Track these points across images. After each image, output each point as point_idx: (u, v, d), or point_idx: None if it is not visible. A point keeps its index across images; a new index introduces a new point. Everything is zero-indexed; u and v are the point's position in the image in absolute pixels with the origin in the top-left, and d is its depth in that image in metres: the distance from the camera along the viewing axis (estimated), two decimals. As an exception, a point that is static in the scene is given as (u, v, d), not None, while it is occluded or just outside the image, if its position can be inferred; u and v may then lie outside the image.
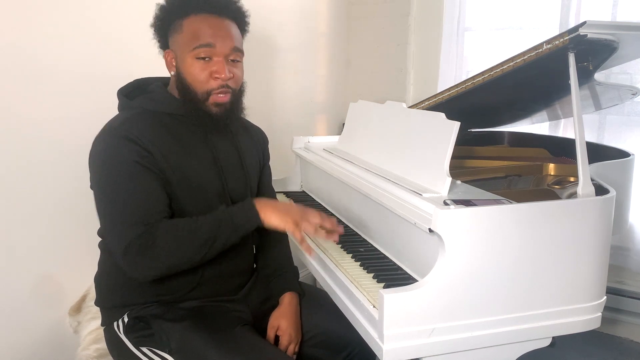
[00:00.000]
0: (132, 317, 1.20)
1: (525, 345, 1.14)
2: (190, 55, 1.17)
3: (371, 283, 1.18)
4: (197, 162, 1.22)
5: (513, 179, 1.70)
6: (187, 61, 1.18)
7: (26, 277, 1.51)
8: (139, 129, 1.15)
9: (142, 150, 1.12)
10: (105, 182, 1.12)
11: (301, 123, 2.69)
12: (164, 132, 1.18)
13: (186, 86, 1.19)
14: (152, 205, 1.12)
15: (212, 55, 1.18)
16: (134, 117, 1.18)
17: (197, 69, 1.18)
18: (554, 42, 1.32)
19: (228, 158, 1.29)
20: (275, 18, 2.40)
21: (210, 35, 1.17)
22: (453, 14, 2.62)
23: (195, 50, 1.17)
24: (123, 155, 1.11)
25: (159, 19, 1.23)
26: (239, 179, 1.31)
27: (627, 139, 2.26)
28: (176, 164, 1.17)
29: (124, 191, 1.10)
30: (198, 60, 1.17)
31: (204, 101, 1.19)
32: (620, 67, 2.06)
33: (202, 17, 1.19)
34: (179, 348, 1.15)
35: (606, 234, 1.17)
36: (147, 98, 1.24)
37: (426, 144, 1.32)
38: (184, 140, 1.21)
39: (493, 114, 2.12)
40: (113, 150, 1.12)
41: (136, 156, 1.12)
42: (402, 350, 1.02)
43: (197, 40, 1.17)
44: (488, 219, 1.06)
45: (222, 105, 1.21)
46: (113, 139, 1.13)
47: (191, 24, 1.18)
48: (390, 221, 1.28)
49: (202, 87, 1.19)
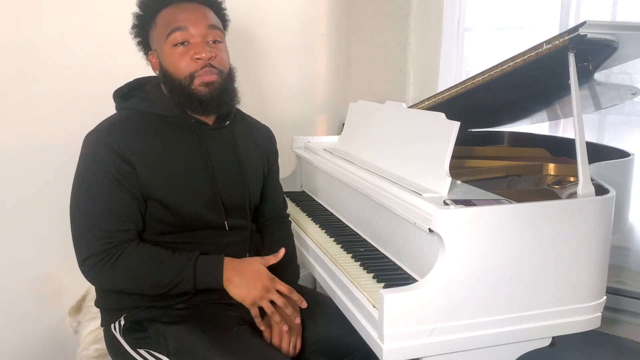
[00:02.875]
0: (129, 321, 1.20)
1: (525, 345, 1.14)
2: (167, 45, 1.16)
3: (371, 283, 1.18)
4: (186, 166, 1.19)
5: (513, 179, 1.70)
6: (166, 51, 1.17)
7: (26, 277, 1.51)
8: (125, 136, 1.13)
9: (122, 164, 1.11)
10: (78, 187, 1.12)
11: (301, 123, 2.69)
12: (151, 137, 1.16)
13: (170, 77, 1.17)
14: (119, 222, 1.11)
15: (188, 38, 1.16)
16: (123, 121, 1.16)
17: (177, 56, 1.15)
18: (553, 42, 1.32)
19: (224, 163, 1.25)
20: (275, 18, 2.40)
21: (182, 20, 1.16)
22: (453, 14, 2.62)
23: (170, 37, 1.15)
24: (102, 165, 1.10)
25: (137, 26, 1.23)
26: (235, 186, 1.27)
27: (627, 139, 2.26)
28: (162, 169, 1.15)
29: (96, 202, 1.10)
30: (176, 47, 1.16)
31: (189, 85, 1.16)
32: (620, 67, 2.06)
33: (173, 7, 1.18)
34: (176, 350, 1.14)
35: (606, 233, 1.17)
36: (141, 98, 1.22)
37: (426, 144, 1.32)
38: (174, 143, 1.19)
39: (493, 114, 2.12)
40: (93, 157, 1.11)
41: (114, 169, 1.10)
42: (402, 350, 1.02)
43: (169, 27, 1.16)
44: (488, 219, 1.06)
45: (210, 84, 1.17)
46: (97, 145, 1.12)
47: (163, 16, 1.18)
48: (390, 221, 1.28)
49: (184, 72, 1.16)
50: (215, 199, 1.22)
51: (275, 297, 1.14)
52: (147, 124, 1.18)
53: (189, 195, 1.18)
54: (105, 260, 1.09)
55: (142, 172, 1.13)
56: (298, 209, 1.76)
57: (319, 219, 1.62)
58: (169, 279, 1.11)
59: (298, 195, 1.92)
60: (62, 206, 1.55)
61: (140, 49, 1.26)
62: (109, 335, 1.24)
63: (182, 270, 1.11)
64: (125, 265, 1.10)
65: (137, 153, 1.13)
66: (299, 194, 1.94)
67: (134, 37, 1.25)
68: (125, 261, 1.10)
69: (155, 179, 1.14)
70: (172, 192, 1.16)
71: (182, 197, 1.17)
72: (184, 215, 1.18)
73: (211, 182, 1.22)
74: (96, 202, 1.10)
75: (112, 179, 1.10)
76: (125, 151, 1.11)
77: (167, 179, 1.16)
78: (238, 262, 1.17)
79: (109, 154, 1.10)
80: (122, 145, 1.11)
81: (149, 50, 1.24)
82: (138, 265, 1.10)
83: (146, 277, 1.11)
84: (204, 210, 1.20)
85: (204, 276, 1.12)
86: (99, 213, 1.10)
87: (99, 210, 1.10)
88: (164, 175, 1.15)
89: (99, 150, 1.11)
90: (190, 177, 1.19)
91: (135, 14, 1.23)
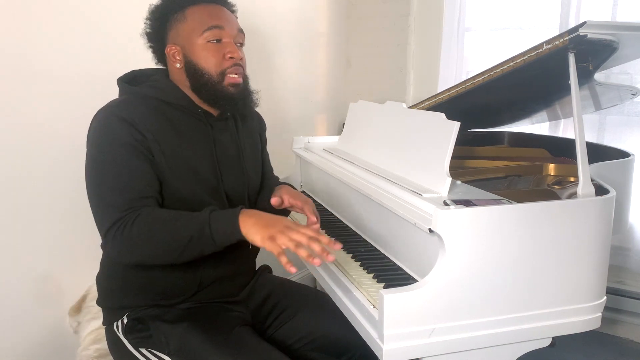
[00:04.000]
0: (131, 319, 1.20)
1: (525, 346, 1.13)
2: (200, 40, 1.18)
3: (371, 283, 1.18)
4: (192, 153, 1.20)
5: (513, 179, 1.70)
6: (198, 46, 1.19)
7: (26, 277, 1.51)
8: (136, 112, 1.13)
9: (136, 133, 1.11)
10: (94, 161, 1.11)
11: (301, 123, 2.69)
12: (162, 119, 1.17)
13: (199, 71, 1.19)
14: (141, 189, 1.10)
15: (222, 36, 1.20)
16: (134, 100, 1.17)
17: (210, 52, 1.18)
18: (554, 42, 1.32)
19: (227, 153, 1.28)
20: (275, 18, 2.40)
21: (218, 18, 1.20)
22: (453, 14, 2.62)
23: (205, 33, 1.18)
24: (116, 136, 1.10)
25: (155, 19, 1.24)
26: (236, 176, 1.30)
27: (627, 139, 2.26)
28: (171, 151, 1.16)
29: (113, 172, 1.09)
30: (210, 44, 1.19)
31: (220, 82, 1.20)
32: (620, 67, 2.06)
33: (205, 5, 1.21)
34: (178, 349, 1.15)
35: (606, 234, 1.17)
36: (150, 86, 1.23)
37: (426, 144, 1.32)
38: (183, 130, 1.20)
39: (493, 114, 2.12)
40: (107, 130, 1.11)
41: (129, 138, 1.10)
42: (402, 350, 1.02)
43: (206, 23, 1.18)
44: (488, 219, 1.06)
45: (237, 85, 1.21)
46: (108, 118, 1.12)
47: (196, 12, 1.20)
48: (390, 221, 1.28)
49: (217, 69, 1.19)
50: (218, 188, 1.24)
51: (298, 235, 1.01)
52: (156, 107, 1.19)
53: (193, 182, 1.19)
54: (124, 225, 1.06)
55: (155, 150, 1.13)
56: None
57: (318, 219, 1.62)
58: (187, 234, 1.05)
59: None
60: (63, 206, 1.56)
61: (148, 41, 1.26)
62: (111, 334, 1.25)
63: (198, 224, 1.05)
64: (143, 226, 1.06)
65: (150, 130, 1.13)
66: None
67: (148, 28, 1.25)
68: (142, 223, 1.06)
69: (163, 160, 1.15)
70: (177, 175, 1.17)
71: (187, 181, 1.18)
72: (186, 200, 1.18)
73: (214, 169, 1.24)
74: (115, 170, 1.09)
75: (130, 148, 1.10)
76: (139, 125, 1.12)
77: (175, 162, 1.17)
78: (253, 212, 1.08)
79: (124, 125, 1.11)
80: (136, 120, 1.12)
81: (163, 42, 1.23)
82: (155, 224, 1.06)
83: (164, 236, 1.06)
84: (207, 198, 1.21)
85: (221, 225, 1.05)
86: (117, 182, 1.09)
87: (117, 180, 1.09)
88: (172, 158, 1.16)
89: (113, 123, 1.11)
90: (197, 164, 1.21)
91: (156, 5, 1.24)
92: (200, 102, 1.24)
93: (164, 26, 1.23)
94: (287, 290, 1.40)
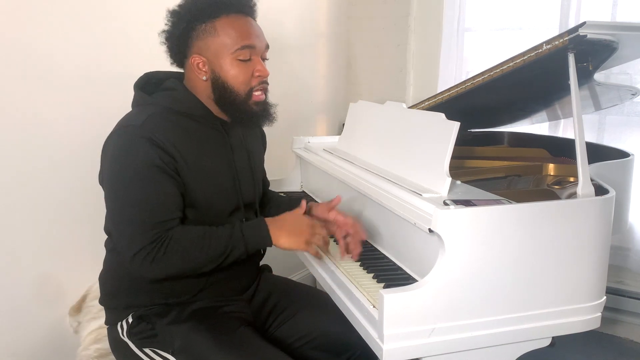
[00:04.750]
0: (136, 318, 1.21)
1: (525, 345, 1.14)
2: (231, 57, 1.17)
3: (371, 283, 1.18)
4: (212, 164, 1.21)
5: (513, 179, 1.70)
6: (227, 64, 1.17)
7: (26, 277, 1.51)
8: (162, 130, 1.12)
9: (164, 155, 1.10)
10: (122, 183, 1.10)
11: (301, 123, 2.69)
12: (184, 134, 1.16)
13: (227, 88, 1.18)
14: (168, 212, 1.11)
15: (252, 55, 1.19)
16: (156, 117, 1.15)
17: (241, 71, 1.17)
18: (553, 42, 1.32)
19: (241, 160, 1.29)
20: (275, 18, 2.39)
21: (250, 36, 1.18)
22: (453, 15, 2.62)
23: (237, 52, 1.17)
24: (144, 157, 1.09)
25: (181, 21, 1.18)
26: (249, 182, 1.31)
27: (627, 139, 2.26)
28: (195, 166, 1.16)
29: (142, 194, 1.09)
30: (239, 61, 1.17)
31: (246, 101, 1.20)
32: (620, 67, 2.06)
33: (233, 17, 1.18)
34: (182, 349, 1.15)
35: (606, 234, 1.17)
36: (168, 96, 1.21)
37: (426, 144, 1.32)
38: (203, 142, 1.20)
39: (493, 114, 2.12)
40: (134, 151, 1.10)
41: (158, 160, 1.09)
42: (402, 350, 1.02)
43: (239, 42, 1.16)
44: (488, 219, 1.06)
45: (261, 103, 1.22)
46: (135, 139, 1.10)
47: (225, 25, 1.16)
48: (390, 221, 1.28)
49: (245, 87, 1.19)
50: (237, 199, 1.26)
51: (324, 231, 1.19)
52: (177, 121, 1.18)
53: (215, 192, 1.21)
54: (156, 250, 1.07)
55: (180, 165, 1.14)
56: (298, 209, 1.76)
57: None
58: (220, 249, 1.12)
59: (298, 195, 1.92)
60: (63, 206, 1.56)
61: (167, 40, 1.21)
62: (114, 334, 1.24)
63: (231, 240, 1.13)
64: (177, 249, 1.09)
65: (176, 147, 1.13)
66: (299, 195, 1.94)
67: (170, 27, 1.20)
68: (175, 245, 1.09)
69: (190, 176, 1.15)
70: (203, 190, 1.18)
71: (208, 192, 1.19)
72: (209, 214, 1.20)
73: (233, 178, 1.25)
74: (141, 195, 1.09)
75: (157, 169, 1.10)
76: (165, 144, 1.11)
77: (201, 178, 1.17)
78: (277, 220, 1.19)
79: (149, 145, 1.09)
80: (160, 138, 1.11)
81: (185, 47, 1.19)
82: (188, 245, 1.10)
83: (199, 254, 1.11)
84: (228, 209, 1.24)
85: (253, 241, 1.15)
86: (146, 205, 1.09)
87: (146, 203, 1.09)
88: (198, 174, 1.17)
89: (139, 143, 1.09)
90: (217, 174, 1.22)
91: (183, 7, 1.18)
92: (217, 112, 1.24)
93: (189, 33, 1.18)
94: (288, 290, 1.40)
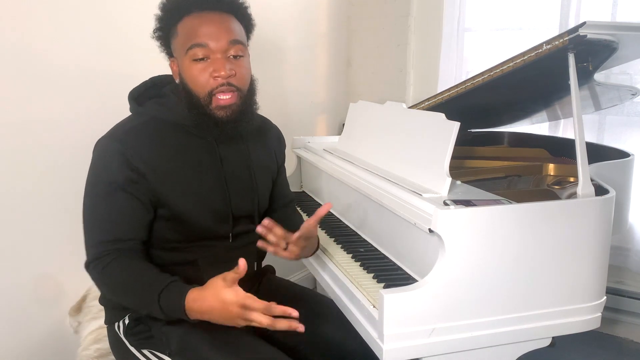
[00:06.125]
0: (133, 319, 1.20)
1: (525, 346, 1.14)
2: (186, 58, 1.12)
3: (371, 283, 1.18)
4: (200, 177, 1.17)
5: (513, 179, 1.70)
6: (185, 65, 1.13)
7: (26, 277, 1.51)
8: (138, 144, 1.11)
9: (133, 174, 1.09)
10: (89, 193, 1.13)
11: (301, 123, 2.69)
12: (167, 146, 1.14)
13: (189, 92, 1.14)
14: (121, 231, 1.10)
15: (209, 54, 1.11)
16: (137, 129, 1.14)
17: (196, 71, 1.11)
18: (553, 42, 1.32)
19: (236, 171, 1.24)
20: (275, 18, 2.40)
21: (202, 34, 1.11)
22: (453, 15, 2.62)
23: (189, 52, 1.11)
24: (110, 174, 1.10)
25: (159, 29, 1.18)
26: (245, 194, 1.25)
27: (627, 139, 2.26)
28: (176, 180, 1.14)
29: (100, 209, 1.11)
30: (195, 62, 1.11)
31: (208, 105, 1.12)
32: (620, 68, 2.06)
33: (195, 16, 1.12)
34: (179, 350, 1.15)
35: (606, 234, 1.17)
36: (158, 104, 1.19)
37: (426, 144, 1.32)
38: (190, 153, 1.17)
39: (493, 114, 2.12)
40: (103, 165, 1.11)
41: (122, 178, 1.09)
42: (402, 350, 1.02)
43: (190, 41, 1.11)
44: (488, 219, 1.06)
45: (227, 107, 1.13)
46: (109, 152, 1.10)
47: (184, 26, 1.13)
48: (390, 221, 1.29)
49: (204, 89, 1.12)
50: (225, 211, 1.21)
51: (256, 320, 0.98)
52: (162, 132, 1.16)
53: (200, 207, 1.17)
54: (101, 265, 1.09)
55: (154, 182, 1.12)
56: (298, 209, 1.76)
57: (319, 219, 1.62)
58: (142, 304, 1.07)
59: (298, 195, 1.92)
60: (63, 206, 1.56)
61: (162, 50, 1.22)
62: (113, 333, 1.25)
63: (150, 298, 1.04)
64: (109, 275, 1.09)
65: (149, 163, 1.11)
66: (299, 195, 1.94)
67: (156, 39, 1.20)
68: (110, 271, 1.09)
69: (167, 189, 1.13)
70: (184, 203, 1.15)
71: (193, 208, 1.16)
72: (192, 227, 1.17)
73: (223, 193, 1.21)
74: (99, 209, 1.11)
75: (118, 188, 1.09)
76: (137, 160, 1.10)
77: (180, 190, 1.15)
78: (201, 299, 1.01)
79: (119, 162, 1.09)
80: (134, 155, 1.10)
81: (171, 54, 1.19)
82: (119, 279, 1.09)
83: (122, 294, 1.11)
84: (212, 222, 1.20)
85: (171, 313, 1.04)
86: (101, 220, 1.11)
87: (101, 218, 1.11)
88: (177, 186, 1.14)
89: (109, 157, 1.10)
90: (204, 188, 1.18)
91: (157, 16, 1.17)
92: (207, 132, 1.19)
93: (167, 36, 1.18)
94: (290, 293, 1.38)
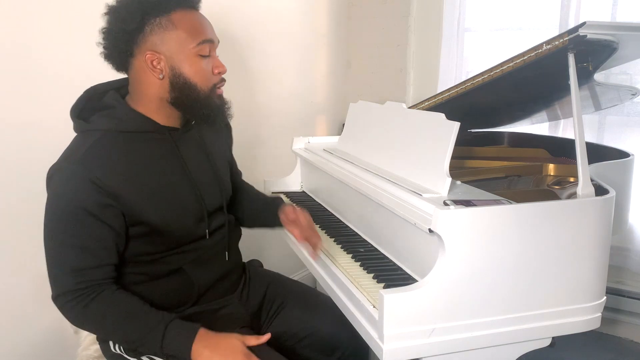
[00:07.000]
0: None
1: (525, 346, 1.14)
2: (192, 53, 1.11)
3: (371, 283, 1.18)
4: (169, 182, 1.15)
5: (513, 180, 1.70)
6: (189, 59, 1.11)
7: (26, 277, 1.51)
8: (102, 165, 1.05)
9: (101, 197, 1.04)
10: (54, 222, 1.05)
11: (301, 123, 2.69)
12: (129, 159, 1.10)
13: (190, 86, 1.12)
14: (95, 259, 1.06)
15: (211, 50, 1.15)
16: (95, 147, 1.07)
17: (203, 66, 1.13)
18: (553, 42, 1.32)
19: (199, 167, 1.23)
20: (275, 18, 2.40)
21: (207, 31, 1.14)
22: (453, 15, 2.62)
23: (199, 47, 1.11)
24: (76, 200, 1.03)
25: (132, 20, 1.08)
26: (213, 187, 1.25)
27: (627, 139, 2.26)
28: (147, 192, 1.10)
29: (69, 238, 1.04)
30: (202, 58, 1.12)
31: (211, 97, 1.15)
32: (620, 68, 2.06)
33: (188, 11, 1.12)
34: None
35: (606, 234, 1.17)
36: (107, 116, 1.12)
37: (426, 144, 1.32)
38: (152, 161, 1.14)
39: (493, 115, 2.12)
40: (69, 189, 1.03)
41: (90, 204, 1.03)
42: (402, 350, 1.02)
43: (199, 36, 1.11)
44: (488, 219, 1.06)
45: (221, 97, 1.21)
46: (73, 179, 1.03)
47: (182, 19, 1.10)
48: (390, 221, 1.28)
49: (208, 83, 1.14)
50: (200, 209, 1.20)
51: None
52: (120, 145, 1.10)
53: (177, 213, 1.15)
54: (77, 301, 1.04)
55: (128, 200, 1.07)
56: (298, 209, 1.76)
57: (319, 220, 1.62)
58: (136, 336, 1.06)
59: (298, 195, 1.92)
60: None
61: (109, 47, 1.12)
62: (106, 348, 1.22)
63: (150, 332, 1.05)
64: (97, 311, 1.05)
65: (118, 182, 1.06)
66: (299, 195, 1.94)
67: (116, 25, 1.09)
68: (98, 306, 1.05)
69: (142, 204, 1.09)
70: (161, 214, 1.12)
71: (171, 216, 1.14)
72: (172, 235, 1.15)
73: (194, 192, 1.19)
74: (68, 238, 1.04)
75: (88, 214, 1.03)
76: (104, 182, 1.04)
77: (155, 201, 1.12)
78: (213, 336, 1.07)
79: (86, 187, 1.03)
80: (100, 177, 1.04)
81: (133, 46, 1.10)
82: (110, 315, 1.06)
83: (115, 329, 1.07)
84: (192, 224, 1.18)
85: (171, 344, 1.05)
86: (72, 250, 1.04)
87: (72, 247, 1.04)
88: (151, 198, 1.11)
89: (73, 184, 1.03)
90: (176, 193, 1.16)
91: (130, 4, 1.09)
92: (165, 119, 1.17)
93: (143, 27, 1.09)
94: (280, 286, 1.41)
